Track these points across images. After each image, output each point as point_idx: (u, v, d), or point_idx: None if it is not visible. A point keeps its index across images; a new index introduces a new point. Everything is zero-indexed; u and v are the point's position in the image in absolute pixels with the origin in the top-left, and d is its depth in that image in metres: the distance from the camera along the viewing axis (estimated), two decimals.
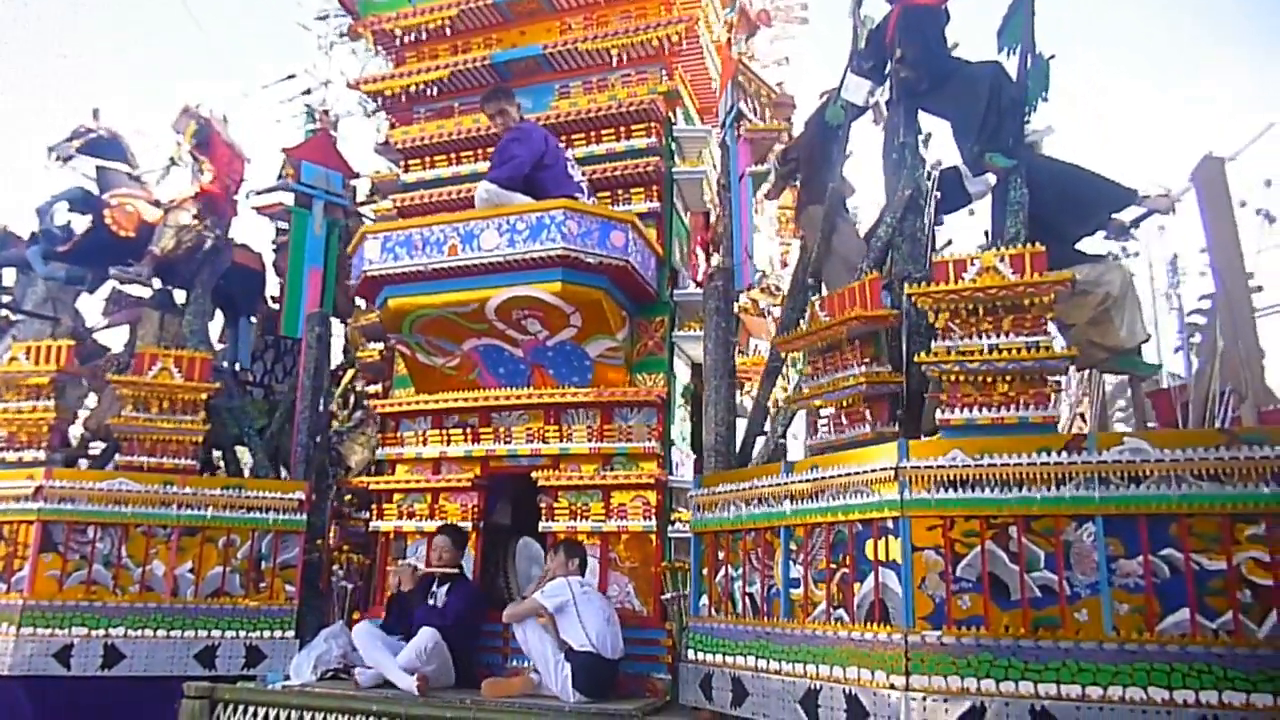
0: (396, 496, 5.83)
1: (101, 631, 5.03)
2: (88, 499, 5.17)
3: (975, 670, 3.27)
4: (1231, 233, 3.53)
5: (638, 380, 5.58)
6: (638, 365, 5.67)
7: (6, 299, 6.17)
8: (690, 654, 4.53)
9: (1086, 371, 4.45)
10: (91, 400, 6.29)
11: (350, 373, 7.95)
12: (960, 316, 3.54)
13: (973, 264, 3.54)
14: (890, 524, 3.56)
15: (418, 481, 5.70)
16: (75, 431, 6.22)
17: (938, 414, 3.55)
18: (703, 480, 4.75)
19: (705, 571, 4.63)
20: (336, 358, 7.95)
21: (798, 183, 5.55)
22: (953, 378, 3.52)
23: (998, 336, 3.49)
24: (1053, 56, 3.99)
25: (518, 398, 5.57)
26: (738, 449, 5.03)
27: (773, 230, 8.29)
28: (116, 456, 5.42)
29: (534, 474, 5.46)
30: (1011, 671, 3.23)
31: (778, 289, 8.08)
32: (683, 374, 5.89)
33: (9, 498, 5.13)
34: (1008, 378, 3.45)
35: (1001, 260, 3.51)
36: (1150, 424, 4.32)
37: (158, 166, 6.39)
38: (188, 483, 5.39)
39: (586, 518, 5.34)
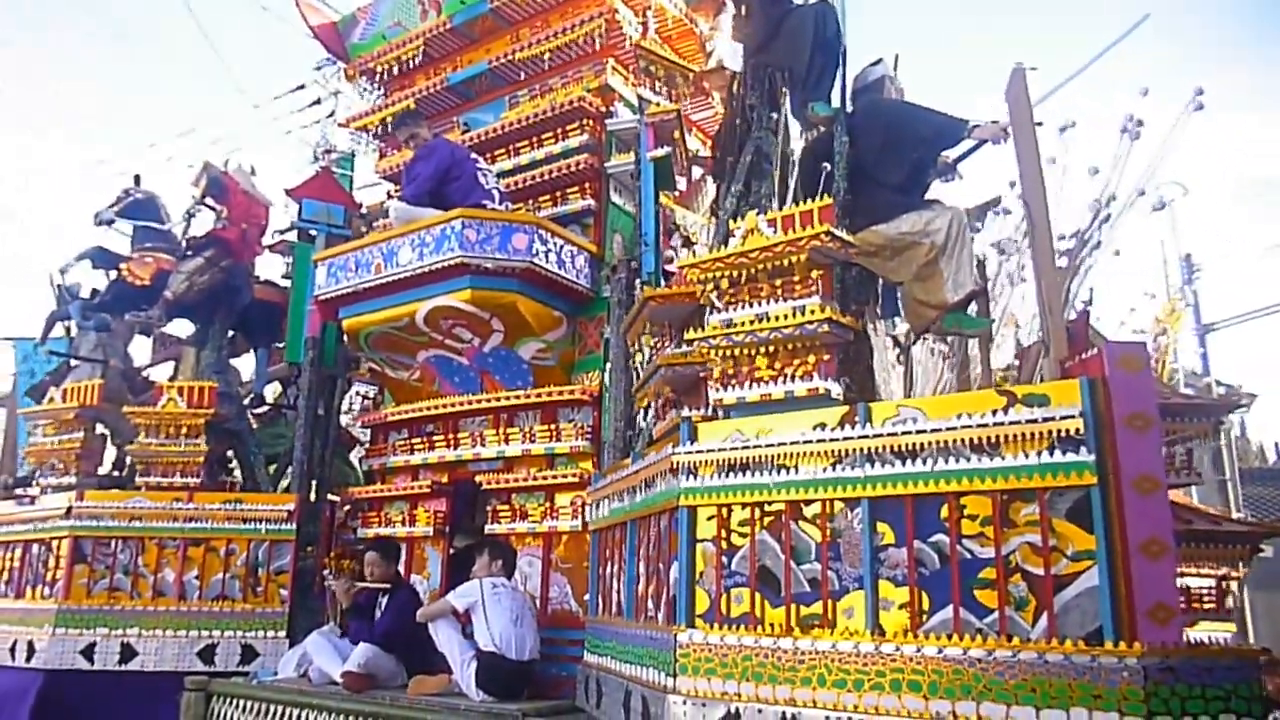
0: (385, 506, 6.17)
1: (119, 631, 5.75)
2: (111, 516, 5.95)
3: (735, 672, 2.98)
4: (1035, 154, 2.91)
5: (579, 380, 5.54)
6: (579, 364, 5.63)
7: (70, 346, 7.26)
8: (584, 655, 4.45)
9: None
10: None
11: None
12: (723, 286, 3.24)
13: (739, 228, 3.23)
14: (680, 514, 3.32)
15: (387, 490, 6.01)
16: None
17: (712, 394, 3.27)
18: (600, 476, 4.66)
19: (599, 570, 4.53)
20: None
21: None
22: (722, 353, 3.23)
23: (762, 305, 3.16)
24: None
25: (465, 404, 5.73)
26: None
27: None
28: (137, 478, 6.18)
29: (477, 477, 5.58)
30: (770, 674, 2.91)
31: None
32: None
33: (51, 517, 6.02)
34: (770, 348, 3.11)
35: (769, 222, 3.18)
36: None
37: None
38: (193, 499, 6.04)
39: (527, 518, 5.38)
